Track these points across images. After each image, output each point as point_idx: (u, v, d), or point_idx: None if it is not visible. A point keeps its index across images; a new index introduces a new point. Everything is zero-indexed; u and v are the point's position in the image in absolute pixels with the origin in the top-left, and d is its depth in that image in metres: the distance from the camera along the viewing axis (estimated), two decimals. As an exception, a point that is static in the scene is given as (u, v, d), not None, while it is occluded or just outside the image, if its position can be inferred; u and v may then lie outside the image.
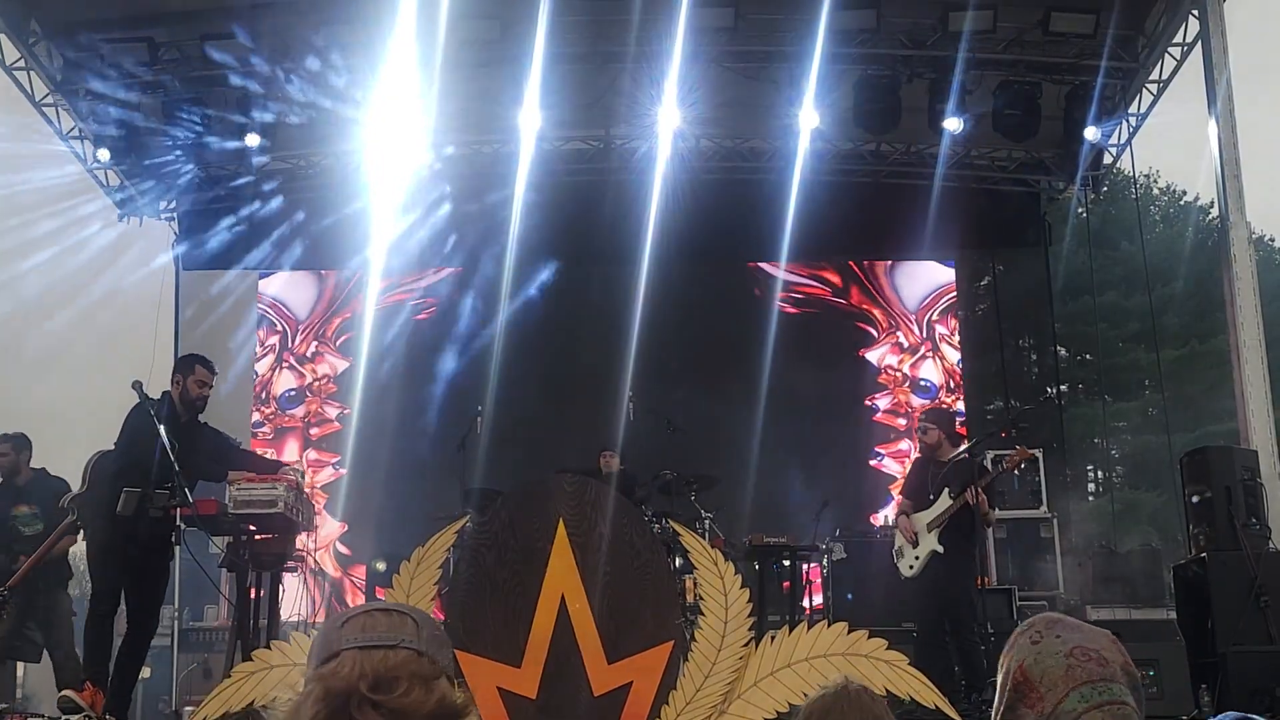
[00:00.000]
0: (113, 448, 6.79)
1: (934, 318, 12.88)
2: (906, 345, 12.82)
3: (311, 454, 12.52)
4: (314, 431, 12.69)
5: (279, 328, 12.94)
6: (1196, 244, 22.98)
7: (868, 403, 12.70)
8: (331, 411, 12.71)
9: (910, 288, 12.95)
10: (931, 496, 7.53)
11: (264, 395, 12.80)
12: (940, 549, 7.42)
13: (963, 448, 7.82)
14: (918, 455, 8.02)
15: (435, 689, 1.67)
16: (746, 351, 11.75)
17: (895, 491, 12.39)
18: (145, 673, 8.06)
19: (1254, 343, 8.82)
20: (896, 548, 7.71)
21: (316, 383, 12.80)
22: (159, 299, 12.30)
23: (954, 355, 12.87)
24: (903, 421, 12.59)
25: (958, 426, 8.86)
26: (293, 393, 12.80)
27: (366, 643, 1.69)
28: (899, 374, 12.75)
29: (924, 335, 12.83)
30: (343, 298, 12.98)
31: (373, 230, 11.63)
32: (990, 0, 10.00)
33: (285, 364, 12.87)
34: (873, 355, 12.80)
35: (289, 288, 13.01)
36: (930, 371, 12.76)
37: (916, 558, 7.52)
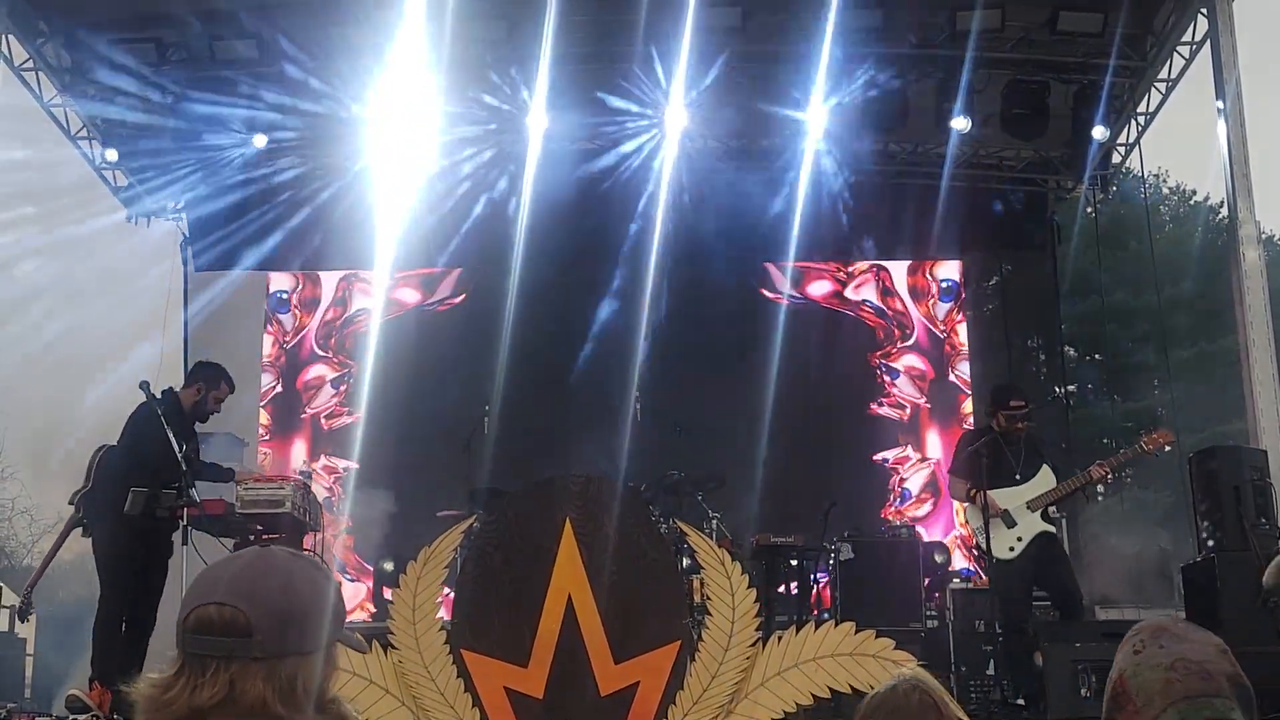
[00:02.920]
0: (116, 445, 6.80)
1: (941, 317, 12.86)
2: (913, 344, 12.79)
3: (322, 459, 12.52)
4: (311, 432, 12.70)
5: (287, 327, 12.95)
6: (1206, 243, 22.92)
7: (875, 403, 12.67)
8: (332, 412, 12.71)
9: (917, 287, 12.92)
10: (1019, 475, 7.29)
11: (273, 392, 12.81)
12: (1052, 529, 7.24)
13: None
14: (979, 430, 7.76)
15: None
16: (753, 352, 11.73)
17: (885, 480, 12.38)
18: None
19: (1263, 342, 8.79)
20: (979, 525, 7.24)
21: (323, 382, 12.82)
22: (167, 299, 12.32)
23: (959, 353, 12.83)
24: (904, 416, 12.60)
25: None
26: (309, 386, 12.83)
27: (203, 650, 1.61)
28: (905, 372, 12.73)
29: (930, 334, 12.81)
30: (350, 297, 12.98)
31: (380, 230, 11.64)
32: (998, -1, 10.00)
33: (295, 361, 12.88)
34: (880, 355, 12.77)
35: (297, 287, 13.02)
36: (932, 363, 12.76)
37: (1019, 538, 7.18)
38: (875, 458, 12.50)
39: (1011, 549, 7.21)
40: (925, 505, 12.37)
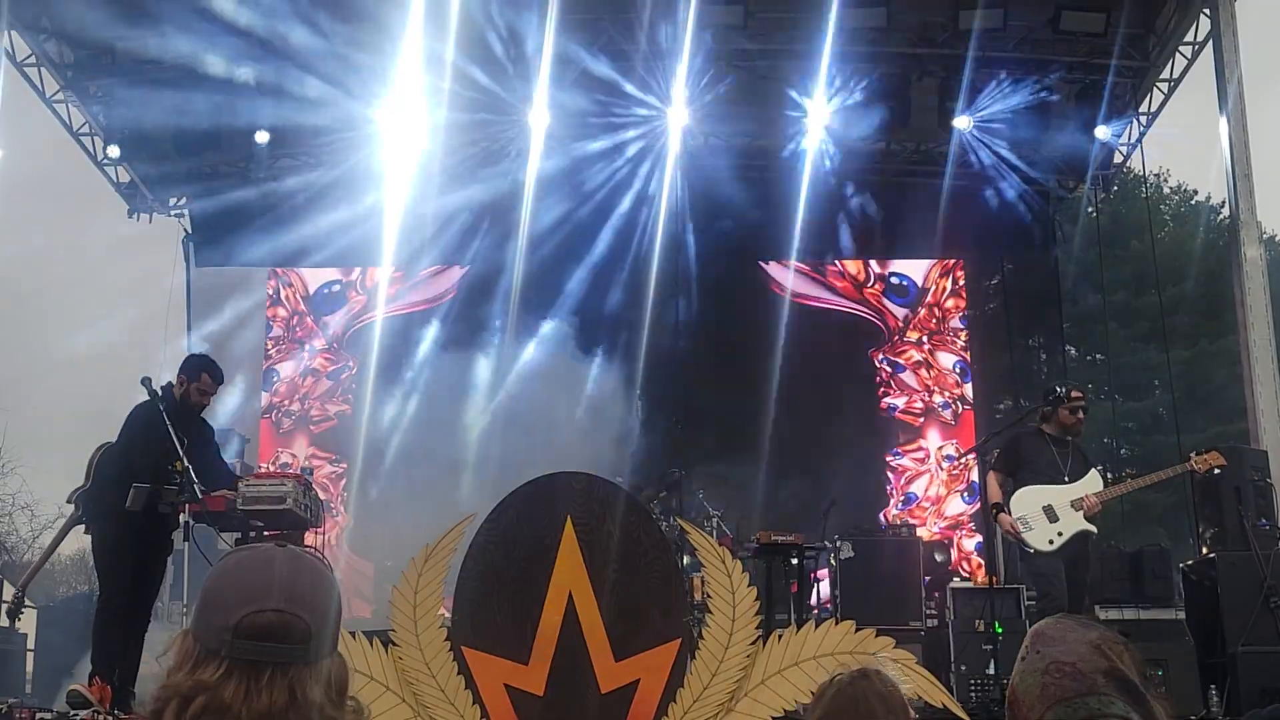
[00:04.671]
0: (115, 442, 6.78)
1: (942, 316, 12.86)
2: (915, 343, 12.80)
3: (315, 451, 12.52)
4: (314, 428, 12.70)
5: (289, 324, 12.94)
6: (1207, 243, 22.89)
7: (876, 401, 12.67)
8: (334, 409, 12.72)
9: (919, 286, 12.92)
10: (1067, 478, 7.27)
11: (276, 388, 12.80)
12: (1093, 529, 7.24)
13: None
14: (1030, 429, 7.71)
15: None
16: (755, 349, 11.73)
17: (892, 484, 12.40)
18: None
19: (1264, 342, 8.81)
20: (1019, 516, 7.22)
21: (325, 378, 12.82)
22: (169, 295, 12.34)
23: (961, 352, 12.84)
24: (906, 416, 12.59)
25: None
26: (311, 381, 12.83)
27: (261, 656, 1.58)
28: (907, 372, 12.73)
29: (932, 333, 12.81)
30: (352, 294, 12.98)
31: (383, 227, 11.64)
32: (1000, -2, 10.00)
33: (297, 357, 12.88)
34: (881, 354, 12.77)
35: (299, 284, 13.02)
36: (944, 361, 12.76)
37: (1059, 533, 7.15)
38: (875, 456, 12.49)
39: (1051, 542, 7.19)
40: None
